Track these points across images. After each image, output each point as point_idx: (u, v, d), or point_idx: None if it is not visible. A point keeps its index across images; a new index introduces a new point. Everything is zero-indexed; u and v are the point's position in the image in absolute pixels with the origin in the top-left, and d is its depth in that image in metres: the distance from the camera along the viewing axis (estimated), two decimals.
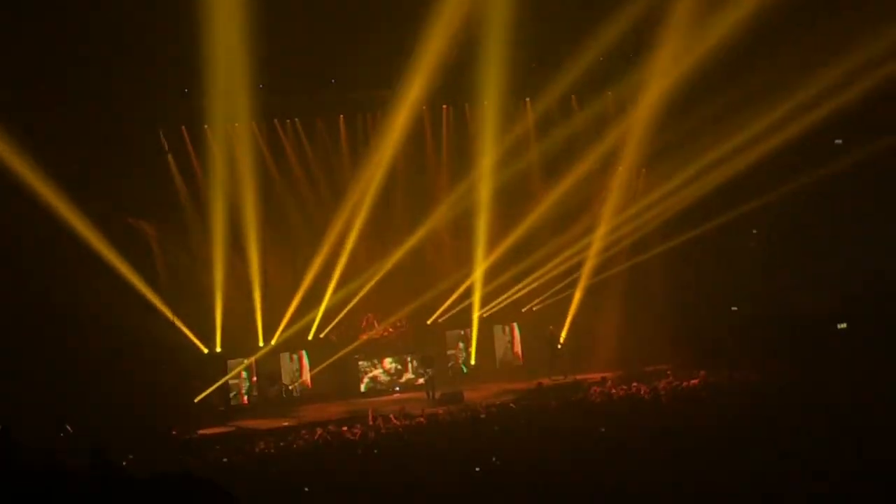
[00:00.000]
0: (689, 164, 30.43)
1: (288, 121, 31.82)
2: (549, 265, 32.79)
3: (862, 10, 26.63)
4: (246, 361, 31.05)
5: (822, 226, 30.96)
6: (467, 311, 33.27)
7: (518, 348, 34.17)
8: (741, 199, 30.23)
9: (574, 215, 32.54)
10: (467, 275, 32.57)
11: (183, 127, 30.18)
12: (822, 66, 27.04)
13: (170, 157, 30.01)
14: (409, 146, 32.01)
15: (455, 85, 31.04)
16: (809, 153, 29.22)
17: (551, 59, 30.41)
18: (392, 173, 32.05)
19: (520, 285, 33.13)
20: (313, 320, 31.58)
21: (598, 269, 33.14)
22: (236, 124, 29.87)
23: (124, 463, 19.10)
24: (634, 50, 29.97)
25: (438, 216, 32.16)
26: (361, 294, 31.82)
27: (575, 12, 27.95)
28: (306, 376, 31.79)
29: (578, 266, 33.09)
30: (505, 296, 33.33)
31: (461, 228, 33.04)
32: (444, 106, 32.79)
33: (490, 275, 32.53)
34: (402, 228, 32.33)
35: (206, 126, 29.83)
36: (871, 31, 26.65)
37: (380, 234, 32.10)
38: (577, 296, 33.48)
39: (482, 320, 33.80)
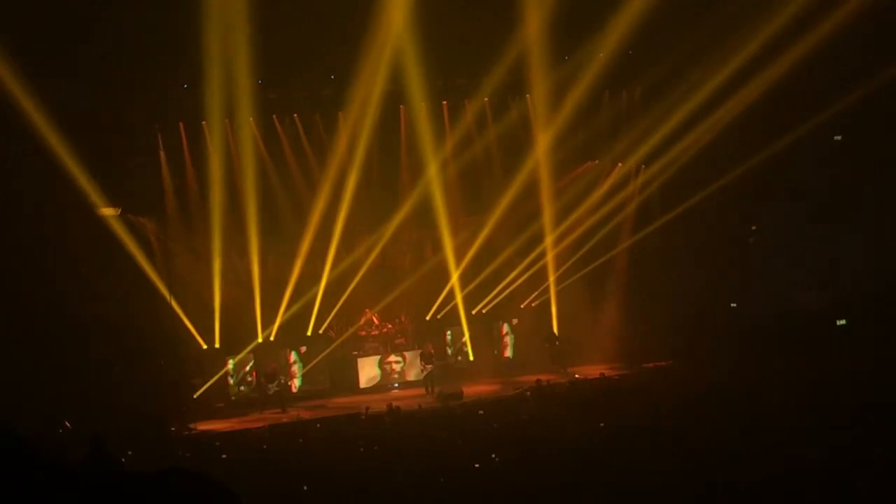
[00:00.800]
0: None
1: (287, 117, 31.89)
2: (532, 256, 33.08)
3: None
4: (238, 357, 31.11)
5: (822, 222, 30.98)
6: (470, 306, 33.41)
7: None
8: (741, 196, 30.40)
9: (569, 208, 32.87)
10: (467, 269, 32.75)
11: (181, 123, 30.24)
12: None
13: (162, 153, 30.00)
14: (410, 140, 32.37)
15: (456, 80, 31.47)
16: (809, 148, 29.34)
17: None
18: (396, 166, 32.52)
19: (512, 275, 33.33)
20: (310, 315, 31.68)
21: (586, 263, 33.45)
22: (234, 120, 29.89)
23: (123, 460, 19.09)
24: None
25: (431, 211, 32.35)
26: (355, 282, 31.92)
27: None
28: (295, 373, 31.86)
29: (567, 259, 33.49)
30: (499, 288, 33.49)
31: (460, 225, 33.28)
32: (444, 102, 32.94)
33: (482, 268, 32.77)
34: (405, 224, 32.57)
35: (203, 122, 29.86)
36: None
37: (375, 227, 32.20)
38: (553, 291, 33.84)
39: (481, 316, 33.90)
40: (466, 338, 33.75)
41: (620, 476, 15.21)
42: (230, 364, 30.93)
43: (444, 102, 32.88)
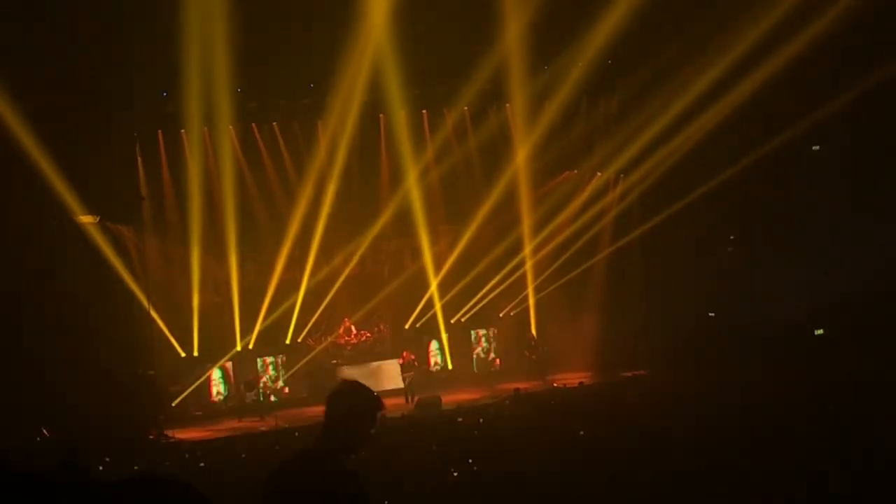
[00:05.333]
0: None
1: (265, 125, 31.87)
2: (511, 265, 33.17)
3: None
4: (218, 365, 31.10)
5: (800, 231, 31.05)
6: (448, 315, 33.44)
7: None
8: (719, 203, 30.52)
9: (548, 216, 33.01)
10: (446, 278, 32.82)
11: (160, 131, 30.19)
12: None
13: (140, 161, 29.93)
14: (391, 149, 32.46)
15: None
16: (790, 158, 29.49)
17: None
18: (376, 175, 32.60)
19: (491, 284, 33.38)
20: (289, 323, 31.68)
21: (565, 272, 33.54)
22: (213, 128, 29.85)
23: (101, 467, 19.01)
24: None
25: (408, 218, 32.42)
26: (333, 291, 31.93)
27: None
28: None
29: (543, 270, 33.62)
30: (479, 297, 33.55)
31: (439, 234, 33.40)
32: (423, 111, 33.00)
33: (462, 276, 32.83)
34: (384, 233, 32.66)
35: (182, 130, 29.83)
36: None
37: (354, 235, 32.21)
38: (532, 300, 33.94)
39: (460, 325, 33.94)
40: (446, 346, 33.77)
41: (600, 484, 15.24)
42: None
43: (424, 111, 32.93)
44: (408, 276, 33.29)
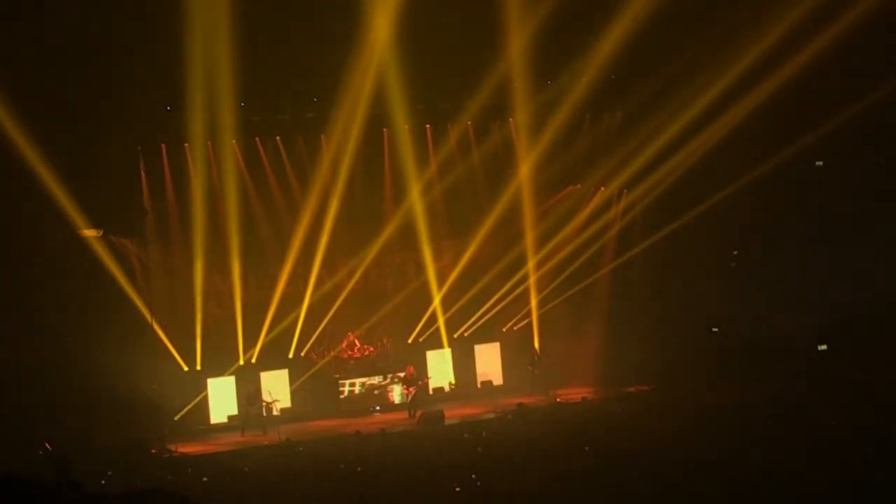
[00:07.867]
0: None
1: (269, 139, 31.86)
2: (515, 279, 33.14)
3: None
4: (222, 379, 31.05)
5: (803, 247, 31.06)
6: (451, 329, 33.38)
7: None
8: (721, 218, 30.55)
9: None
10: (449, 292, 32.79)
11: (163, 145, 30.20)
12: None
13: (144, 175, 29.93)
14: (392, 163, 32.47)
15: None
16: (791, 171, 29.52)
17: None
18: (379, 189, 32.59)
19: (494, 299, 33.34)
20: (292, 337, 31.62)
21: (568, 287, 33.50)
22: (217, 143, 29.85)
23: (103, 482, 18.99)
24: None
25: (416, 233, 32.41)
26: (337, 305, 31.90)
27: None
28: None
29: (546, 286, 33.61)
30: (482, 312, 33.50)
31: (443, 248, 33.41)
32: (427, 125, 33.00)
33: (465, 291, 32.78)
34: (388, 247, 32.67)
35: (186, 144, 29.85)
36: None
37: (357, 249, 32.19)
38: (535, 315, 33.91)
39: (463, 339, 33.86)
40: (449, 361, 33.73)
41: (603, 496, 15.23)
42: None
43: (427, 126, 32.93)
44: (411, 290, 33.25)
